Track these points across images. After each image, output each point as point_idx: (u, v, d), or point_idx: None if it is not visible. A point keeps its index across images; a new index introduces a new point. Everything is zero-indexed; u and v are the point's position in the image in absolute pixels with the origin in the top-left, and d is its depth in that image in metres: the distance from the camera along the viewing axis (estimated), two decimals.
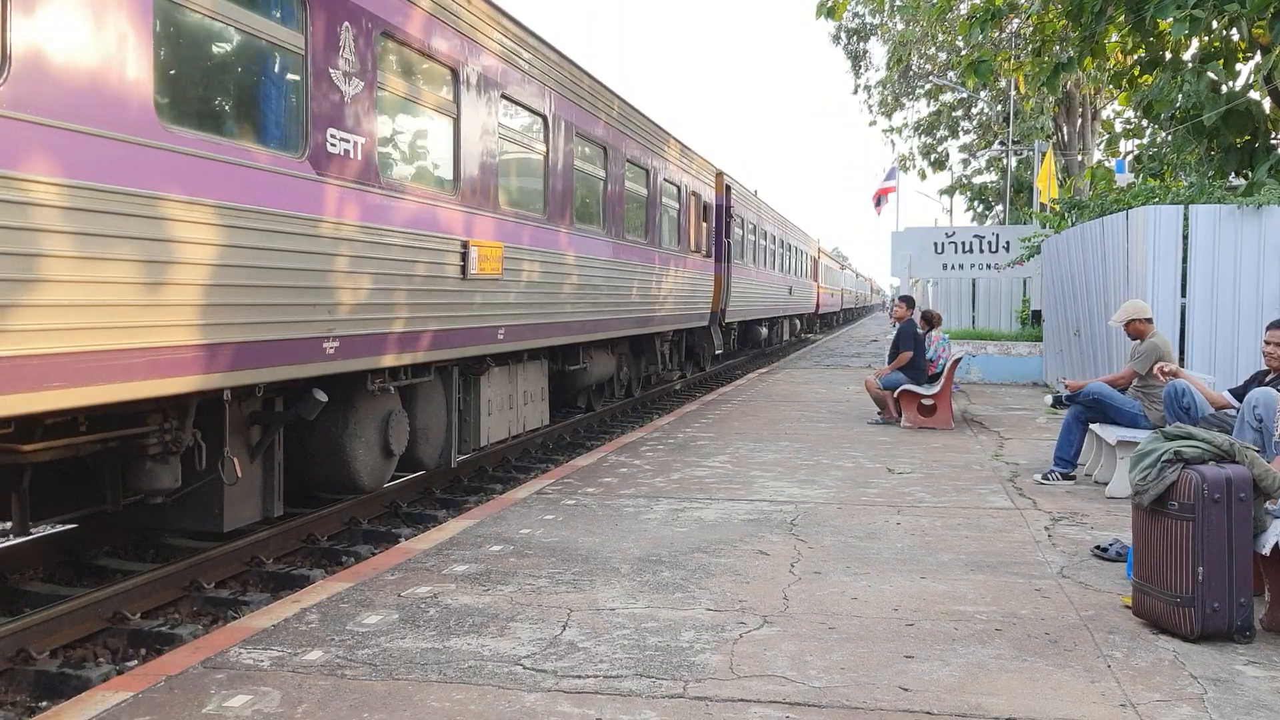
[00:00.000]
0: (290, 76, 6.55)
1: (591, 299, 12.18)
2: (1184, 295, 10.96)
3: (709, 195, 19.42)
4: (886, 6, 27.38)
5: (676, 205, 16.73)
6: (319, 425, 7.59)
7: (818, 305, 42.77)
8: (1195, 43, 13.25)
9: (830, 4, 18.10)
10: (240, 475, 6.59)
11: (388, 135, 7.80)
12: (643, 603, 5.11)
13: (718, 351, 21.78)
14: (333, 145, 6.81)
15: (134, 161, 5.13)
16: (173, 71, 5.66)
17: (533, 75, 10.24)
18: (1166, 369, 7.78)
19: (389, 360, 7.68)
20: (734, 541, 6.38)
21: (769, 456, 9.76)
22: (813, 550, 6.18)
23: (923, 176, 36.66)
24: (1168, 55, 13.26)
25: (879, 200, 38.32)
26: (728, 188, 20.89)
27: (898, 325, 13.14)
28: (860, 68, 33.93)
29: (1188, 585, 4.55)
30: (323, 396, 7.13)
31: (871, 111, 35.12)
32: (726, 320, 21.20)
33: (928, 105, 35.03)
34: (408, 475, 9.38)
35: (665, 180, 15.86)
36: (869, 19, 32.27)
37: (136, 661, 5.41)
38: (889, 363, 12.94)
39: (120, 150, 5.04)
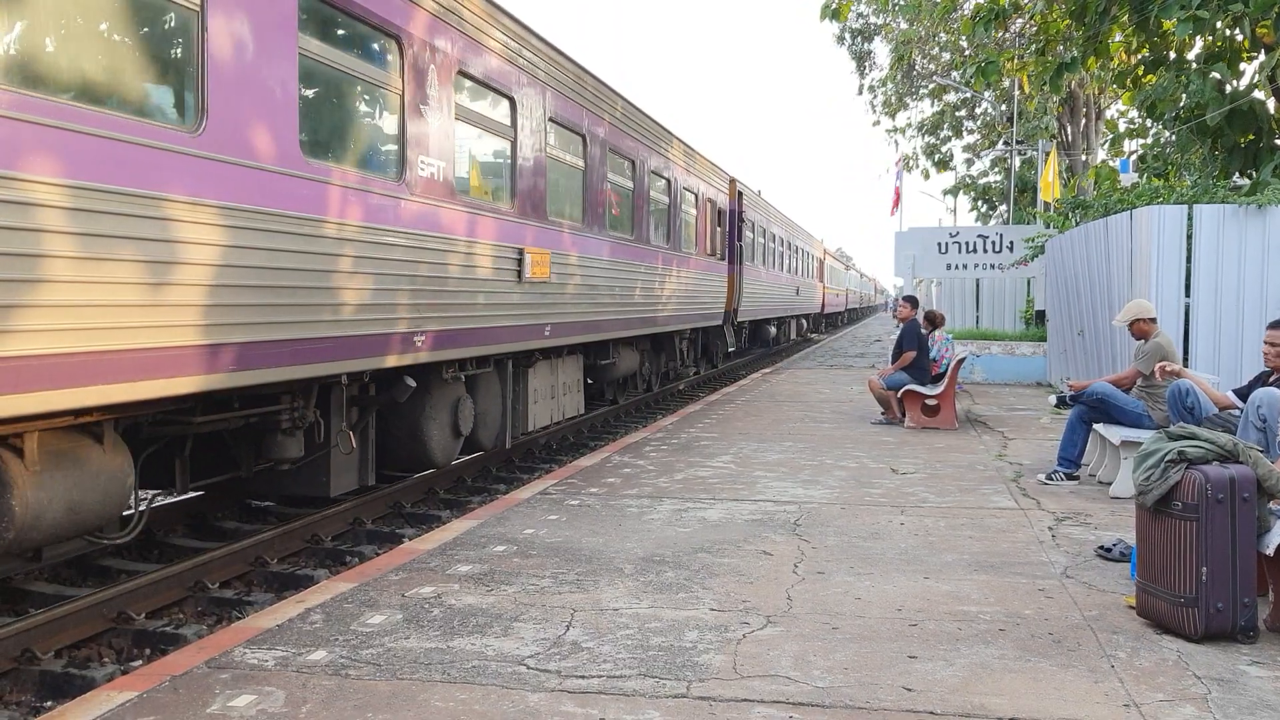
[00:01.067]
0: (390, 113, 7.72)
1: (621, 299, 13.29)
2: (1188, 295, 10.94)
3: (723, 201, 20.43)
4: (890, 6, 27.34)
5: (694, 211, 17.78)
6: (401, 409, 8.70)
7: (823, 305, 43.60)
8: (1199, 42, 13.23)
9: (835, 6, 18.09)
10: (355, 447, 7.98)
11: (462, 158, 8.87)
12: (646, 603, 5.11)
13: (730, 349, 22.78)
14: (422, 169, 7.98)
15: (286, 189, 6.34)
16: (309, 113, 6.81)
17: (572, 98, 11.42)
18: (1169, 369, 7.77)
19: (462, 353, 8.89)
20: (737, 542, 6.38)
21: (772, 457, 9.76)
22: (816, 550, 6.18)
23: (926, 176, 36.65)
24: (1172, 55, 13.24)
25: (897, 201, 38.57)
26: (740, 193, 21.90)
27: (901, 325, 13.14)
28: (865, 68, 33.90)
29: (1191, 585, 4.54)
30: (412, 382, 8.40)
31: (875, 111, 35.13)
32: (738, 320, 22.16)
33: (931, 105, 35.03)
34: (470, 455, 10.47)
35: (684, 188, 16.95)
36: (873, 19, 32.23)
37: (141, 661, 5.43)
38: (893, 362, 12.94)
39: (278, 180, 6.27)
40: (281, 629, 4.68)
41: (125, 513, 6.00)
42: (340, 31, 7.14)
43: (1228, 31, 12.16)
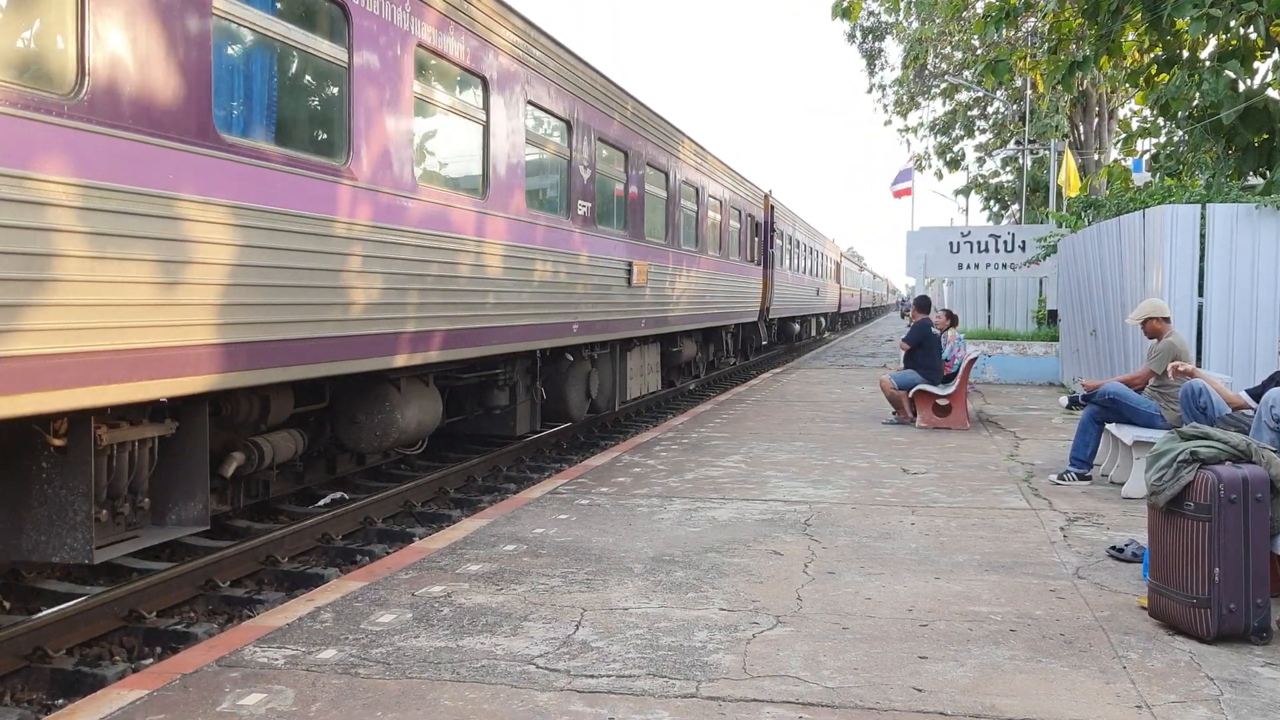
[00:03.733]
0: (562, 172, 11.25)
1: (689, 299, 16.59)
2: (1201, 295, 10.88)
3: (758, 214, 23.71)
4: (902, 5, 27.26)
5: (738, 225, 21.16)
6: (556, 377, 11.99)
7: (840, 304, 45.93)
8: (1213, 41, 13.15)
9: (846, 5, 18.05)
10: (544, 399, 11.66)
11: (601, 199, 12.35)
12: (656, 602, 5.10)
13: (764, 343, 26.55)
14: (579, 209, 11.51)
15: (519, 229, 9.79)
16: (530, 181, 10.25)
17: (663, 146, 15.04)
18: (1181, 368, 7.73)
19: (597, 337, 12.31)
20: (747, 541, 6.37)
21: (783, 456, 9.74)
22: (826, 550, 6.17)
23: (940, 177, 36.50)
24: (1185, 54, 13.17)
25: (900, 191, 38.65)
26: (771, 207, 24.95)
27: (912, 324, 13.14)
28: (875, 67, 33.79)
29: (1204, 586, 4.52)
30: (570, 357, 12.05)
31: (887, 111, 35.01)
32: (770, 317, 25.30)
33: (943, 104, 34.89)
34: (592, 415, 13.49)
35: (731, 206, 20.40)
36: (884, 17, 32.12)
37: (152, 660, 5.44)
38: (904, 361, 12.95)
39: (513, 225, 9.65)
40: (291, 628, 4.69)
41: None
42: (543, 120, 10.66)
43: (1241, 30, 12.08)
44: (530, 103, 10.02)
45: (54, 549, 5.40)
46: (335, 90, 7.09)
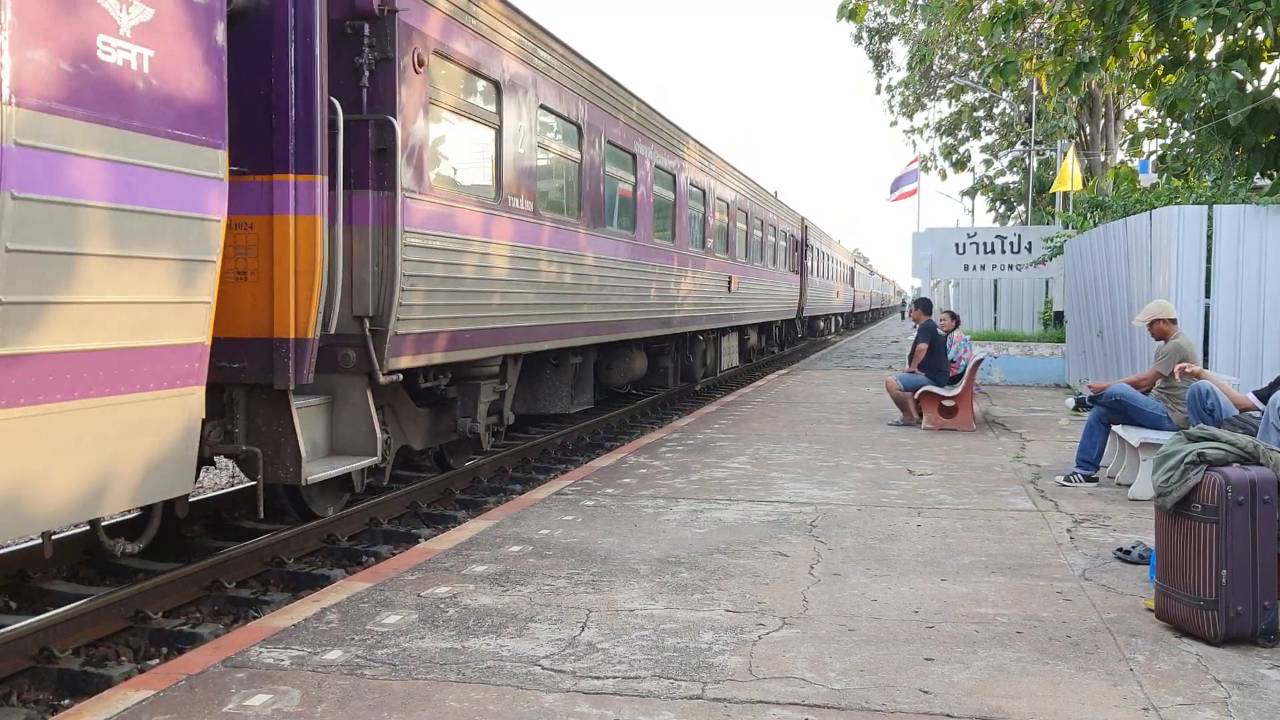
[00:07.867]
0: (702, 218, 16.84)
1: (756, 301, 22.19)
2: (1208, 296, 10.86)
3: (797, 233, 29.50)
4: (908, 7, 27.26)
5: (784, 244, 26.78)
6: (688, 353, 17.40)
7: (853, 305, 52.65)
8: (1219, 41, 13.11)
9: (851, 6, 18.05)
10: (687, 363, 17.71)
11: (717, 232, 18.08)
12: (661, 604, 5.10)
13: (799, 336, 33.59)
14: (707, 242, 17.23)
15: (688, 258, 15.83)
16: (690, 224, 16.27)
17: (741, 192, 20.45)
18: (1188, 370, 7.71)
19: (712, 326, 18.06)
20: (753, 543, 6.36)
21: (788, 458, 9.74)
22: (832, 552, 6.16)
23: (944, 177, 36.49)
24: (1192, 54, 13.14)
25: (896, 186, 38.64)
26: (806, 227, 30.74)
27: (917, 325, 13.13)
28: (882, 68, 33.78)
29: (1211, 588, 4.51)
30: (701, 339, 17.92)
31: (893, 112, 35.00)
32: (803, 315, 31.08)
33: (949, 105, 34.85)
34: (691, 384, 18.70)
35: (781, 230, 26.08)
36: (891, 18, 32.10)
37: (158, 660, 5.45)
38: (910, 362, 12.94)
39: (686, 256, 15.72)
40: (297, 628, 4.70)
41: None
42: (696, 193, 16.55)
43: (1249, 30, 12.05)
44: (692, 183, 15.96)
45: (553, 407, 11.46)
46: None
